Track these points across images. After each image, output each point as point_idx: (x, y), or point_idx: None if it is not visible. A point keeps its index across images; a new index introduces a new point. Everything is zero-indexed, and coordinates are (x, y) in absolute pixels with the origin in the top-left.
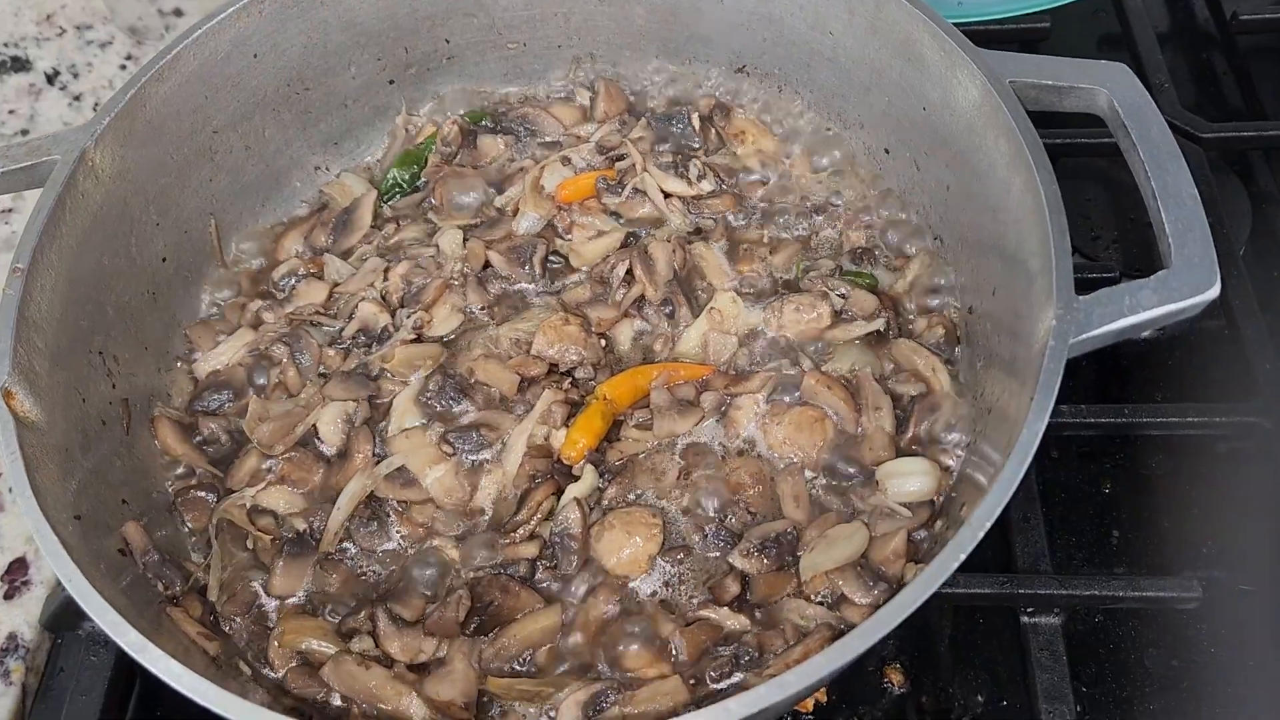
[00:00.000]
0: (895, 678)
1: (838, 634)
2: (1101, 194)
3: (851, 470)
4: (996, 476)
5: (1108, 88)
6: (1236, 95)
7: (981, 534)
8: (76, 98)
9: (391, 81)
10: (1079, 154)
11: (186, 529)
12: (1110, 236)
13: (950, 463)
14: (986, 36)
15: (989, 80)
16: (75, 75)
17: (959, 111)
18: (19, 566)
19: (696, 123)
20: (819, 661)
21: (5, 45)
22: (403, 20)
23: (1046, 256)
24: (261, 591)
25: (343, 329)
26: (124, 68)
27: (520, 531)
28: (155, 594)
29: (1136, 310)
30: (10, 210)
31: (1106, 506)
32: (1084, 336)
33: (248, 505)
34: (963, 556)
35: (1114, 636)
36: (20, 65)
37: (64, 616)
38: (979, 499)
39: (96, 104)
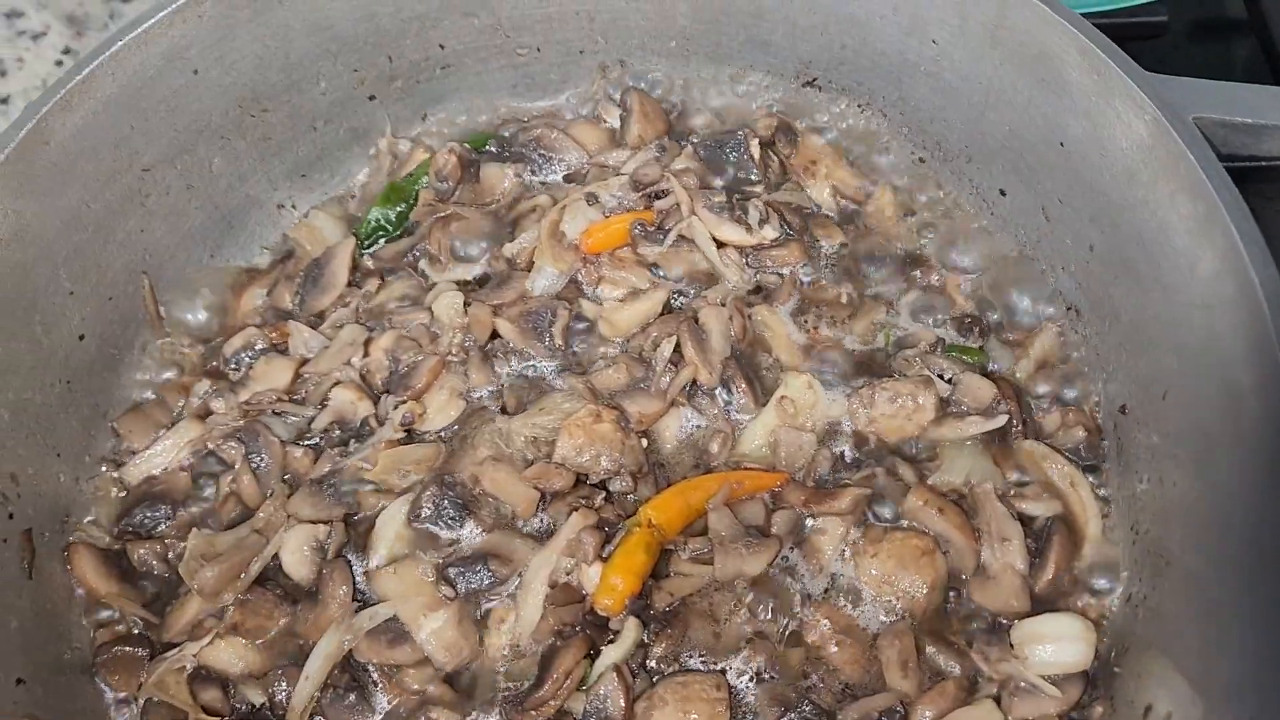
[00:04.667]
0: None
1: None
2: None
3: (971, 618)
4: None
5: None
6: None
7: None
8: (3, 100)
9: (372, 97)
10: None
11: (109, 697)
12: None
13: (1105, 618)
14: None
15: (1164, 116)
16: (3, 73)
17: (1115, 153)
18: None
19: (756, 150)
20: None
21: None
22: (385, 21)
23: (1269, 369)
24: None
25: (313, 420)
26: (60, 64)
27: (545, 709)
28: None
29: None
30: None
31: None
32: None
33: (188, 668)
34: None
35: None
36: None
37: None
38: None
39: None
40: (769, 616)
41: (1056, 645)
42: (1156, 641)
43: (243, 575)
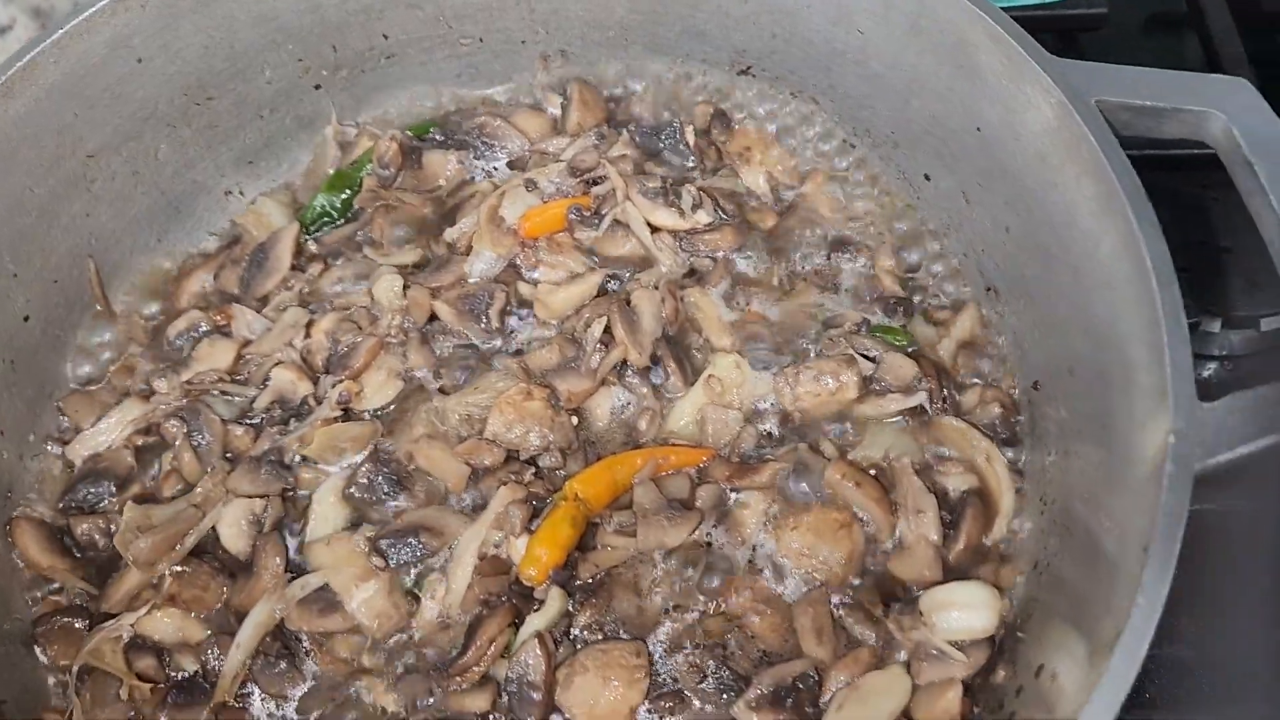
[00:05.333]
0: None
1: None
2: (1163, 211)
3: (887, 591)
4: (1103, 662)
5: (1225, 111)
6: None
7: None
8: None
9: (318, 86)
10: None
11: (48, 665)
12: (1176, 264)
13: (1013, 586)
14: (1032, 24)
15: (1068, 99)
16: None
17: (1026, 136)
18: None
19: (691, 137)
20: None
21: None
22: (329, 12)
23: (1155, 342)
24: None
25: (253, 399)
26: None
27: (468, 675)
28: None
29: None
30: None
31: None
32: (1215, 461)
33: (125, 637)
34: None
35: None
36: None
37: None
38: (1070, 670)
39: None
40: (691, 588)
41: (963, 612)
42: (1055, 606)
43: (178, 547)
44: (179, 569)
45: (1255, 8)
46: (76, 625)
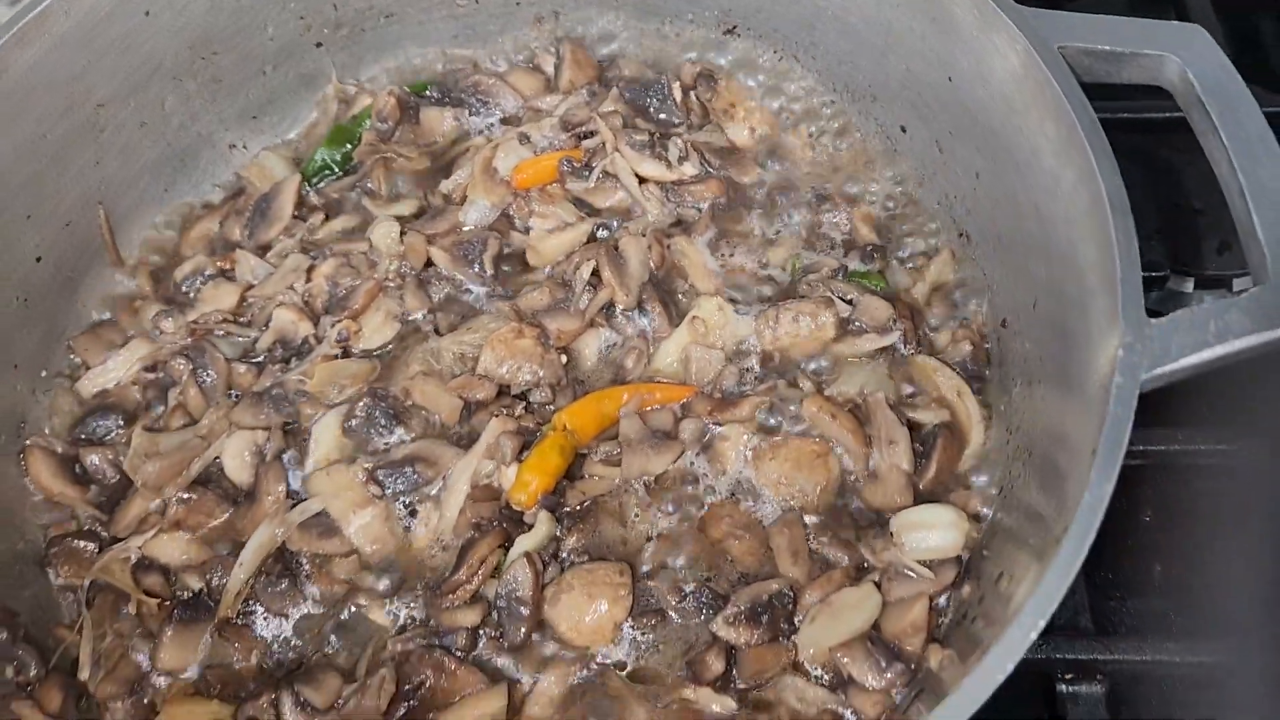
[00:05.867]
0: None
1: None
2: (1138, 174)
3: (860, 515)
4: (1052, 553)
5: (1180, 56)
6: None
7: (1033, 637)
8: None
9: (319, 44)
10: (1113, 129)
11: (59, 584)
12: (1151, 226)
13: (980, 510)
14: None
15: (1032, 45)
16: None
17: (994, 84)
18: None
19: (678, 94)
20: None
21: None
22: None
23: (1108, 269)
24: (147, 665)
25: (256, 339)
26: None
27: (460, 593)
28: (3, 681)
29: (1226, 337)
30: None
31: (1148, 536)
32: (1159, 371)
33: (133, 558)
34: (1010, 666)
35: (1153, 702)
36: None
37: None
38: (1024, 572)
39: None
40: (675, 514)
41: (931, 532)
42: (1016, 525)
43: (184, 473)
44: (185, 495)
45: None
46: (87, 547)
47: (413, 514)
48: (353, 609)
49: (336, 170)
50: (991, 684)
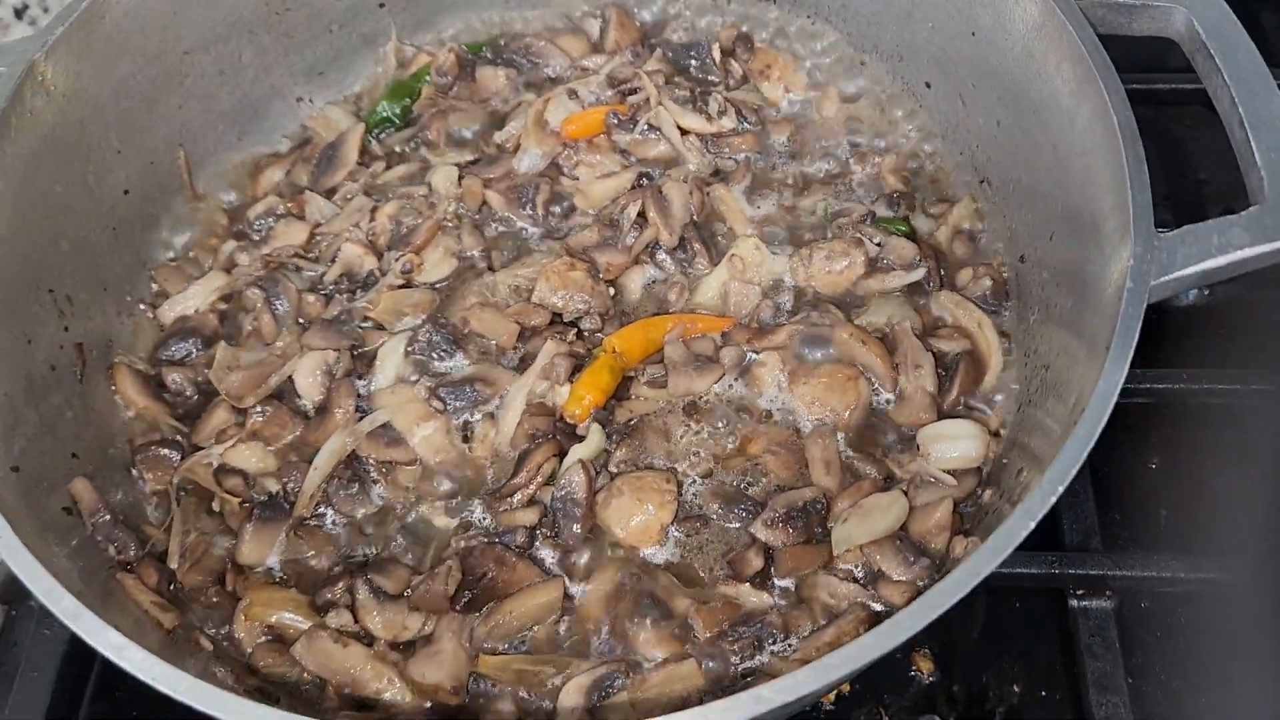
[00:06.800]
0: (924, 665)
1: (872, 615)
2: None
3: (888, 434)
4: (1070, 432)
5: (1186, 6)
6: None
7: (1056, 496)
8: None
9: (382, 5)
10: None
11: (146, 489)
12: (1160, 193)
13: (999, 427)
14: None
15: None
16: (45, 9)
17: (1015, 35)
18: None
19: (717, 54)
20: (868, 642)
21: None
22: None
23: (1121, 190)
24: (228, 560)
25: (324, 273)
26: None
27: (518, 496)
28: (105, 559)
29: (1227, 250)
30: None
31: (1154, 482)
32: (1166, 278)
33: (214, 464)
34: (1032, 524)
35: (1162, 622)
36: None
37: (15, 587)
38: (1044, 463)
39: None
40: (716, 432)
41: (953, 443)
42: (1033, 435)
43: (262, 386)
44: (261, 408)
45: None
46: (170, 455)
47: (471, 429)
48: (417, 513)
49: (396, 122)
50: (1017, 537)
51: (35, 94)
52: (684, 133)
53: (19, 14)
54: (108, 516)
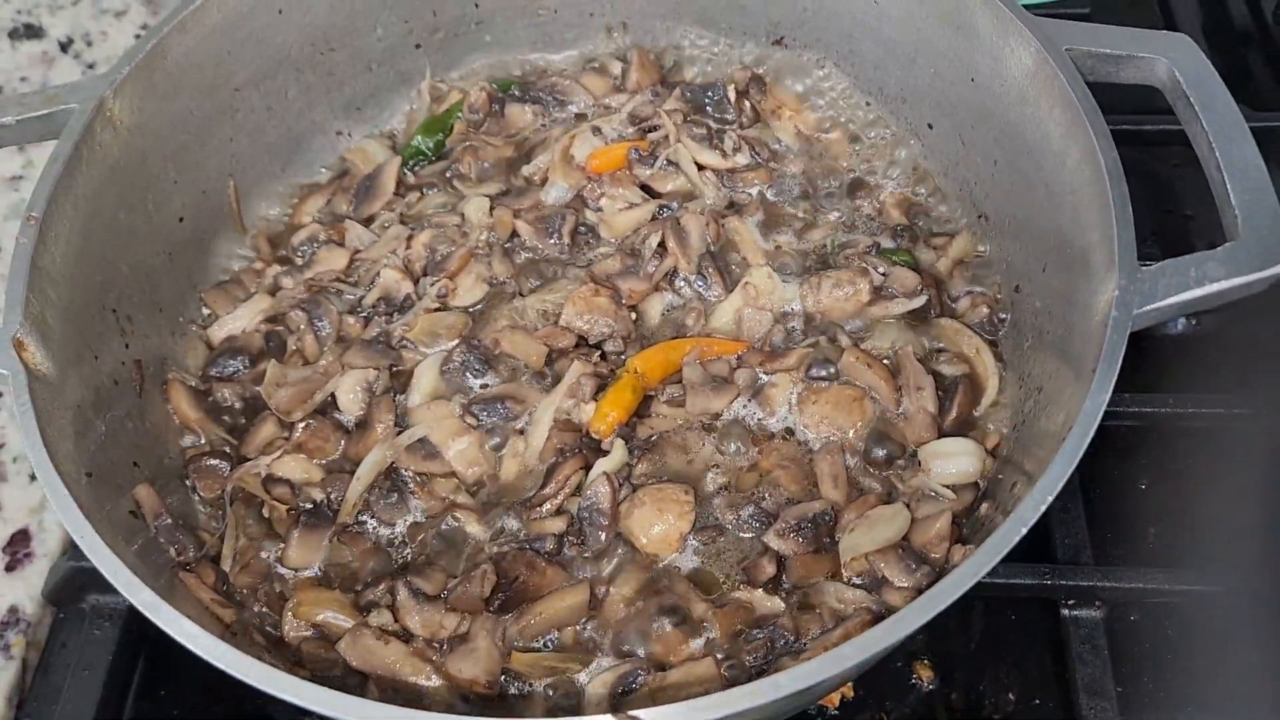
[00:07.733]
0: (924, 674)
1: (878, 618)
2: (1135, 184)
3: (892, 451)
4: (1058, 448)
5: (1169, 58)
6: (1275, 92)
7: (1045, 505)
8: (90, 66)
9: (418, 46)
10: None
11: (198, 497)
12: (1147, 229)
13: (996, 446)
14: None
15: (1044, 47)
16: (89, 44)
17: (1010, 81)
18: (21, 538)
19: (732, 95)
20: (877, 634)
21: (18, 12)
22: None
23: (1107, 225)
24: (276, 563)
25: (363, 297)
26: (139, 37)
27: (546, 506)
28: (167, 559)
29: (1204, 282)
30: (20, 177)
31: (1143, 502)
32: (1148, 308)
33: (263, 474)
34: (1024, 529)
35: (1150, 633)
36: (33, 33)
37: (66, 589)
38: (1035, 477)
39: None
40: (731, 450)
41: (953, 460)
42: (1027, 451)
43: (308, 400)
44: (307, 422)
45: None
46: (220, 466)
47: (503, 443)
48: (452, 521)
49: (430, 155)
50: (1011, 540)
51: (104, 128)
52: (701, 168)
53: (64, 48)
54: (169, 520)
